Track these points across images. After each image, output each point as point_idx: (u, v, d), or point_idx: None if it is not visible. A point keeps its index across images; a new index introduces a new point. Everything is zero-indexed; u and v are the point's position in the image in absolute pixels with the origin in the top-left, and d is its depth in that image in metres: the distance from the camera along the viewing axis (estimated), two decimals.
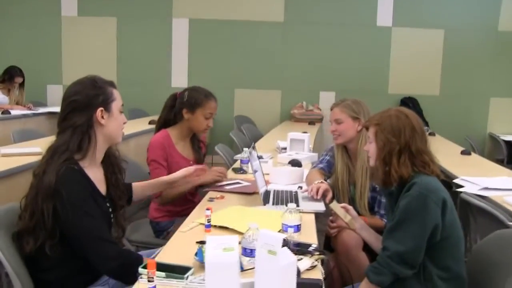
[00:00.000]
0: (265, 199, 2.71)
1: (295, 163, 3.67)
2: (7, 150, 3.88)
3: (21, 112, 6.29)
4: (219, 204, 2.66)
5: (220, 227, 2.22)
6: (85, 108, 1.95)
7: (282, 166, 3.62)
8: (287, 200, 2.73)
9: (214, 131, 7.46)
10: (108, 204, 2.07)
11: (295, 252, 1.78)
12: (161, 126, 3.19)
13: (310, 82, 7.86)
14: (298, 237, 2.10)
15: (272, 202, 2.71)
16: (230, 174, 3.34)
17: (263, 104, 7.90)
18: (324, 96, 7.83)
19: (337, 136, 2.95)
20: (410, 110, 2.24)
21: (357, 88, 7.48)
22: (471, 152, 5.12)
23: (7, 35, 7.82)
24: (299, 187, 3.04)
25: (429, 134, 3.97)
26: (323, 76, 7.83)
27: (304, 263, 1.78)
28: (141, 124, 6.00)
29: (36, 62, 7.74)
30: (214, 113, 3.16)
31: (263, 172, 2.94)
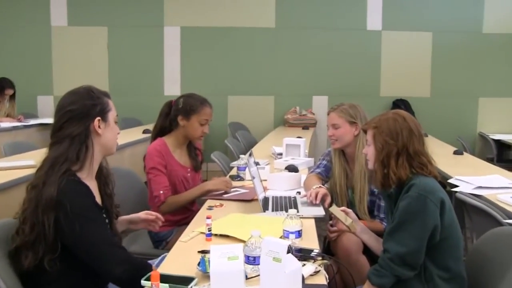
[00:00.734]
0: (264, 206, 2.72)
1: (291, 168, 3.67)
2: (0, 164, 3.79)
3: (11, 124, 6.24)
4: (218, 212, 2.65)
5: (221, 236, 2.22)
6: (82, 118, 1.94)
7: (279, 172, 3.63)
8: (286, 206, 2.73)
9: (208, 139, 7.45)
10: (104, 215, 2.07)
11: (298, 258, 1.78)
12: (157, 134, 3.19)
13: (303, 87, 7.88)
14: (300, 242, 2.10)
15: (272, 208, 2.72)
16: None
17: (257, 110, 7.91)
18: (317, 101, 7.86)
19: (334, 141, 2.96)
20: (407, 112, 2.26)
21: (349, 91, 7.50)
22: (463, 152, 5.17)
23: None
24: (297, 192, 3.04)
25: None
26: (315, 80, 7.86)
27: (307, 268, 1.79)
28: (135, 133, 5.97)
29: (26, 73, 7.67)
30: (210, 119, 3.16)
31: (261, 179, 2.95)
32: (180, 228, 2.93)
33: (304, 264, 1.80)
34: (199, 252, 1.99)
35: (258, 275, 1.69)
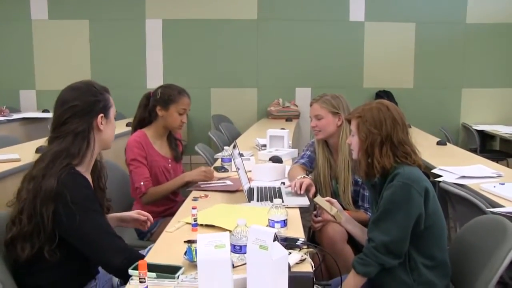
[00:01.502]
0: (249, 196, 2.72)
1: (275, 159, 3.69)
2: None
3: None
4: (203, 203, 2.66)
5: (207, 226, 2.22)
6: (86, 114, 1.96)
7: (264, 163, 3.64)
8: (271, 196, 2.74)
9: (192, 131, 7.45)
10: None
11: (284, 246, 1.78)
12: (136, 125, 3.21)
13: (286, 79, 7.88)
14: (285, 232, 2.11)
15: (257, 198, 2.73)
16: None
17: (240, 103, 7.89)
18: (300, 92, 7.86)
19: (317, 132, 2.97)
20: (391, 102, 2.28)
21: (332, 83, 7.52)
22: (446, 142, 5.22)
23: None
24: (282, 183, 3.05)
25: None
26: (298, 72, 7.86)
27: (293, 257, 1.80)
28: (118, 126, 5.77)
29: (8, 67, 7.63)
30: (188, 109, 3.17)
31: (245, 170, 2.96)
32: (164, 220, 2.93)
33: (290, 253, 1.81)
34: (185, 242, 1.99)
35: (244, 264, 1.70)
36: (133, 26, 7.74)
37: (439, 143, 5.05)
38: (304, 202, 2.64)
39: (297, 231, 2.17)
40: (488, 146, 7.32)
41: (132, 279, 1.66)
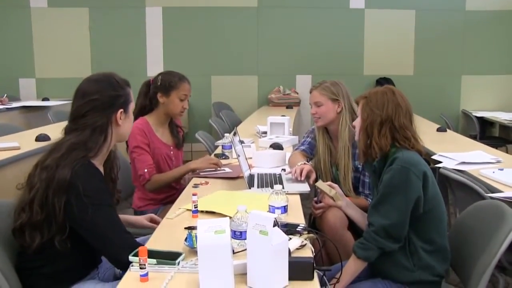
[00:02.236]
0: (250, 183, 2.73)
1: (276, 146, 3.69)
2: None
3: None
4: (204, 190, 2.66)
5: (207, 212, 2.23)
6: (106, 109, 1.95)
7: (264, 150, 3.64)
8: (271, 182, 2.75)
9: (192, 119, 7.45)
10: None
11: (284, 232, 1.79)
12: (137, 113, 3.19)
13: (286, 66, 7.87)
14: (286, 218, 2.12)
15: (257, 185, 2.73)
16: None
17: (240, 90, 7.88)
18: (301, 80, 7.85)
19: (317, 119, 2.97)
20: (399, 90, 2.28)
21: (332, 70, 7.49)
22: (447, 129, 5.23)
23: None
24: (282, 169, 3.06)
25: None
26: (299, 59, 7.84)
27: (293, 242, 1.81)
28: None
29: (7, 55, 7.61)
30: (189, 95, 3.17)
31: (246, 157, 2.96)
32: (165, 207, 2.94)
33: (290, 238, 1.82)
34: (185, 228, 2.00)
35: (245, 250, 1.71)
36: (133, 13, 7.70)
37: (439, 130, 5.06)
38: (305, 188, 2.65)
39: (297, 217, 2.18)
40: (487, 133, 7.32)
41: (132, 266, 1.66)
